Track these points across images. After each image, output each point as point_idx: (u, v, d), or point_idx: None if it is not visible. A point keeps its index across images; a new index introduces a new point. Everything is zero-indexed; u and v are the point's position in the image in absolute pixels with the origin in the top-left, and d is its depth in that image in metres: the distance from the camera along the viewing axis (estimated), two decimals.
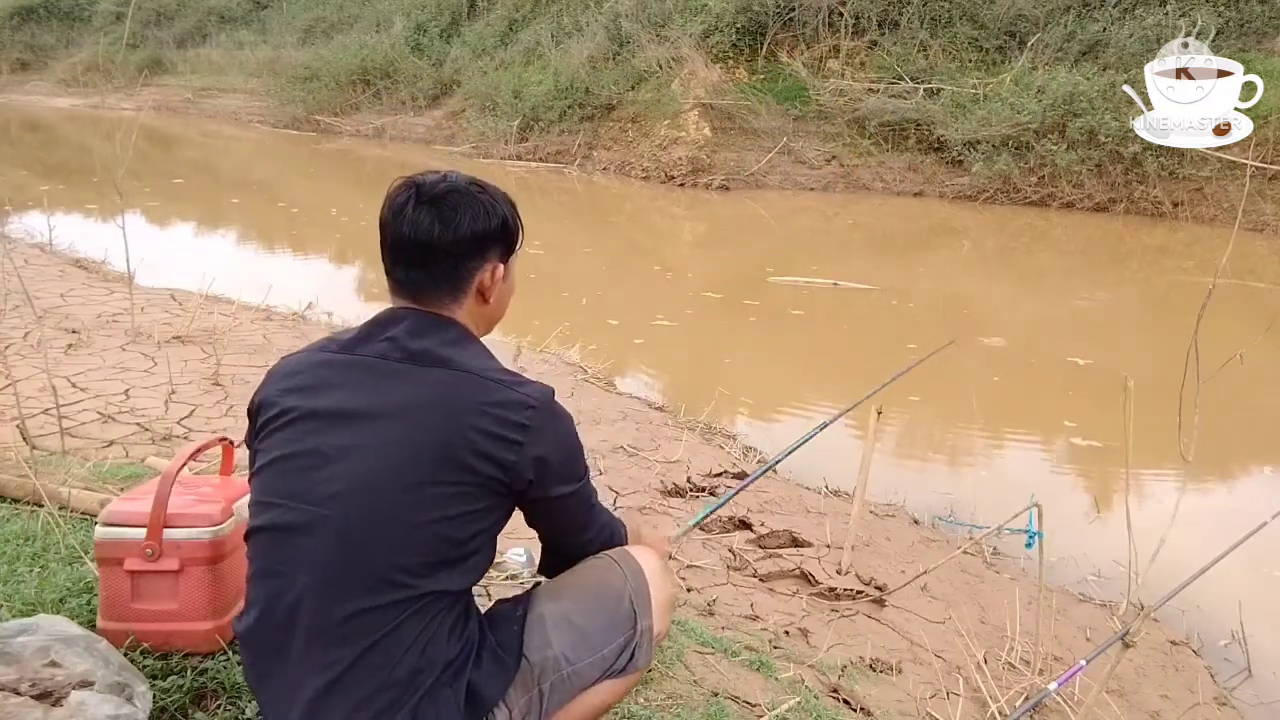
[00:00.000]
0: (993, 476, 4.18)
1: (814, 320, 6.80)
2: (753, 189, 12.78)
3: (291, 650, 1.19)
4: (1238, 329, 6.01)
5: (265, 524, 1.24)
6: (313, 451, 1.21)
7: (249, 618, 1.24)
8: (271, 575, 1.22)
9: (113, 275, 6.55)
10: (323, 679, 1.17)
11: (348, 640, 1.17)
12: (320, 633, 1.17)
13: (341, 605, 1.17)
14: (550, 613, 1.34)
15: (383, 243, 1.30)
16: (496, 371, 1.27)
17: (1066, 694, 2.39)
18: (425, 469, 1.18)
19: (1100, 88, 11.05)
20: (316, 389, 1.25)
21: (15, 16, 28.55)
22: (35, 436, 3.06)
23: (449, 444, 1.19)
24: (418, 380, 1.23)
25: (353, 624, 1.17)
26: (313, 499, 1.20)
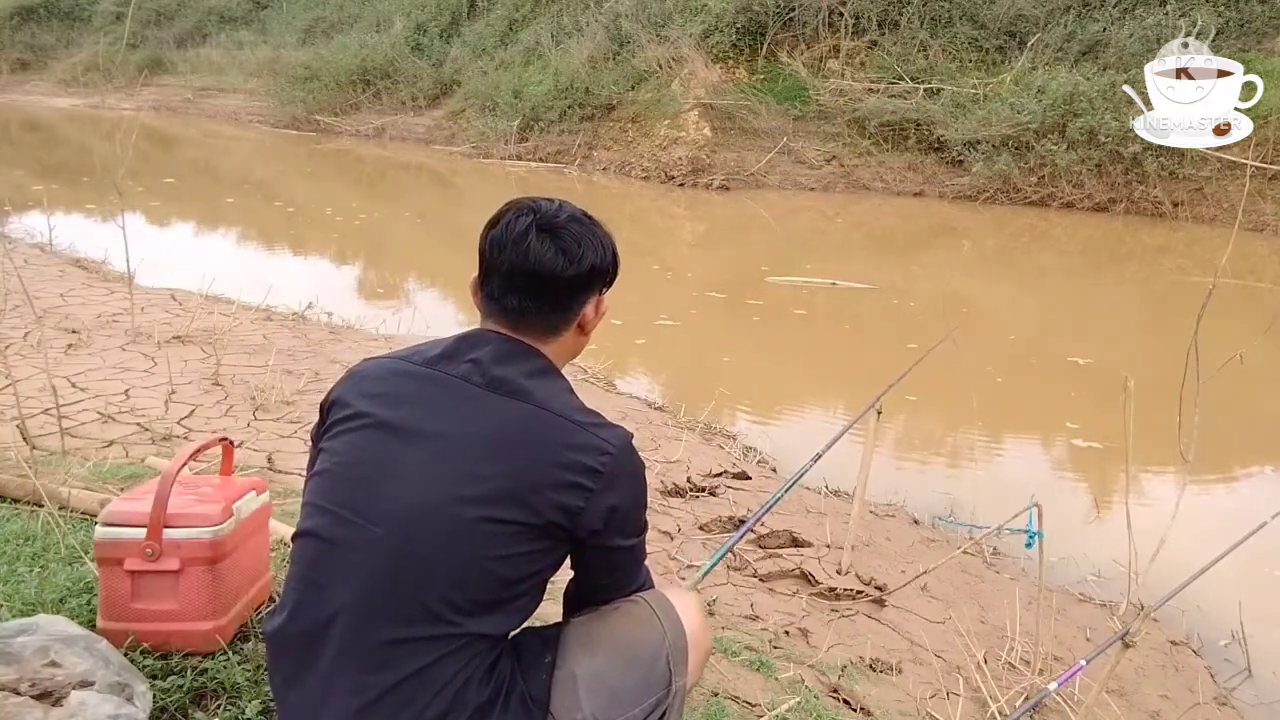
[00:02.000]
0: (993, 476, 4.18)
1: (816, 320, 6.80)
2: (753, 189, 12.78)
3: (320, 663, 1.15)
4: (1238, 329, 6.00)
5: (314, 529, 1.20)
6: (377, 464, 1.18)
7: (279, 618, 1.20)
8: (311, 584, 1.18)
9: (113, 275, 6.55)
10: (353, 702, 1.12)
11: (383, 667, 1.13)
12: (353, 654, 1.13)
13: (381, 630, 1.13)
14: (583, 672, 1.25)
15: (493, 267, 1.25)
16: (578, 412, 1.23)
17: (1066, 694, 2.39)
18: (490, 505, 1.14)
19: (1100, 88, 11.05)
20: (391, 398, 1.22)
21: (15, 16, 28.56)
22: (35, 436, 3.06)
23: (519, 483, 1.15)
24: (496, 411, 1.18)
25: (390, 651, 1.13)
26: (370, 515, 1.16)
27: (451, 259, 8.65)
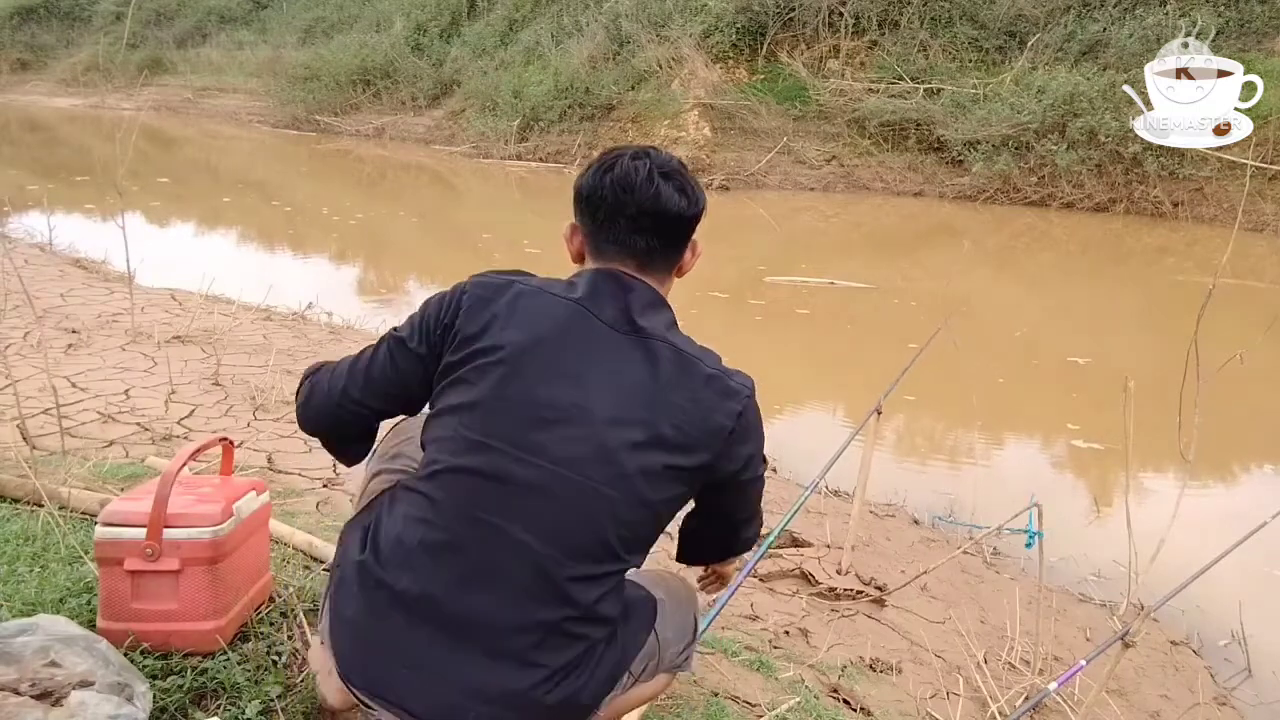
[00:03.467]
0: (993, 476, 4.18)
1: (817, 320, 6.80)
2: (753, 189, 12.78)
3: (484, 601, 1.18)
4: (1238, 329, 6.00)
5: (478, 467, 1.20)
6: (547, 404, 1.20)
7: (427, 534, 1.20)
8: (477, 522, 1.19)
9: (113, 275, 6.55)
10: (529, 639, 1.18)
11: (565, 602, 1.19)
12: (535, 592, 1.18)
13: (568, 567, 1.19)
14: (665, 599, 1.43)
15: (617, 210, 1.29)
16: (710, 356, 1.31)
17: (1066, 694, 2.39)
18: (653, 449, 1.21)
19: (1100, 88, 11.06)
20: (544, 333, 1.23)
21: (15, 16, 28.56)
22: (35, 436, 3.06)
23: (676, 429, 1.22)
24: (651, 357, 1.24)
25: (573, 587, 1.19)
26: (548, 455, 1.19)
27: (452, 259, 8.66)
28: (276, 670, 1.65)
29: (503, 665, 1.19)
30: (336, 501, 2.87)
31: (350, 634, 1.25)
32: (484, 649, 1.19)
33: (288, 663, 1.69)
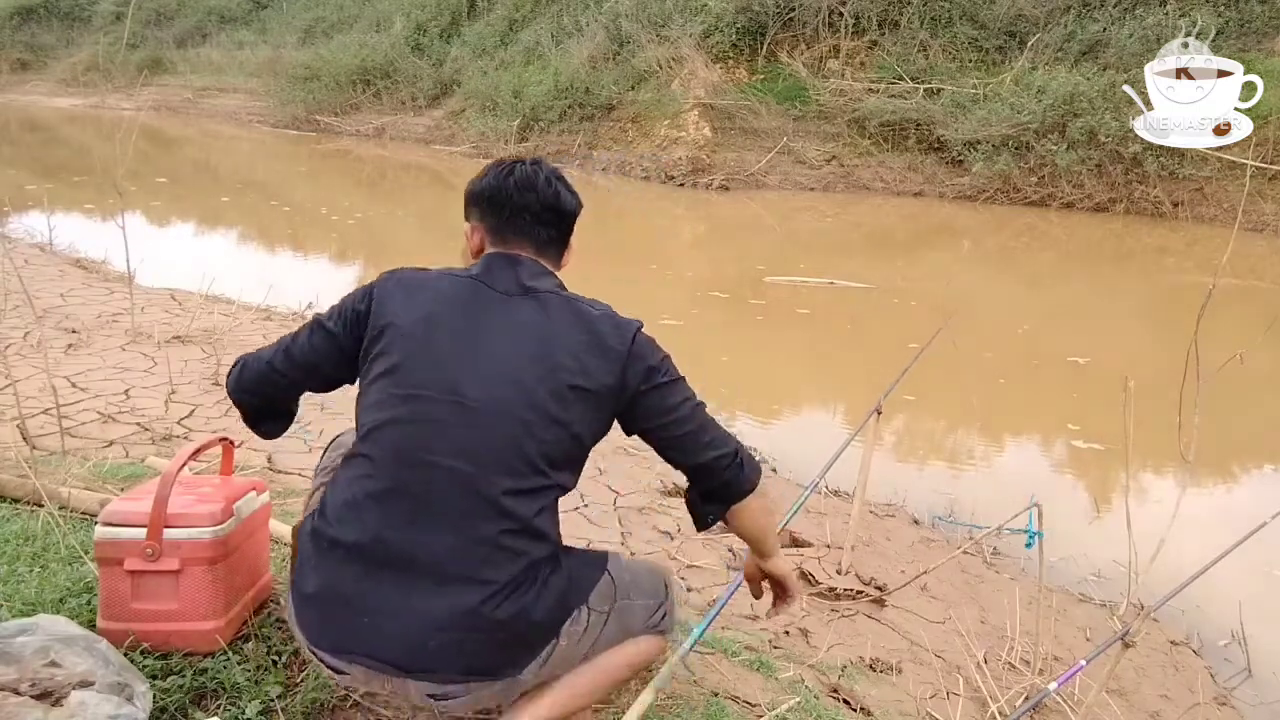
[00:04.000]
0: (993, 476, 4.18)
1: (817, 320, 6.80)
2: (753, 189, 12.78)
3: (433, 523, 1.30)
4: (1238, 329, 6.00)
5: (403, 416, 1.34)
6: (458, 355, 1.36)
7: (370, 486, 1.32)
8: (414, 464, 1.31)
9: (113, 275, 6.55)
10: (469, 559, 1.29)
11: (505, 515, 1.31)
12: (476, 510, 1.30)
13: (501, 482, 1.31)
14: (619, 554, 1.56)
15: (521, 206, 1.50)
16: (601, 306, 1.47)
17: (1066, 694, 2.39)
18: (558, 375, 1.35)
19: (1100, 88, 11.06)
20: (447, 302, 1.40)
21: (15, 16, 28.57)
22: (35, 436, 3.06)
23: (575, 358, 1.37)
24: (543, 307, 1.42)
25: (508, 501, 1.31)
26: (470, 394, 1.33)
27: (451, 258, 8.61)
28: (276, 670, 1.65)
29: (452, 589, 1.29)
30: None
31: (314, 606, 1.33)
32: (434, 579, 1.29)
33: (288, 663, 1.69)
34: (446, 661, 1.30)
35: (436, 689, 1.33)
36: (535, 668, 1.37)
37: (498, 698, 1.41)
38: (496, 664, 1.34)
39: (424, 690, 1.33)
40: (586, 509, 3.15)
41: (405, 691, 1.34)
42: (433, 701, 1.36)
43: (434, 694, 1.34)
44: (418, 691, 1.34)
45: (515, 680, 1.37)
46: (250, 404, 1.56)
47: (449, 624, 1.28)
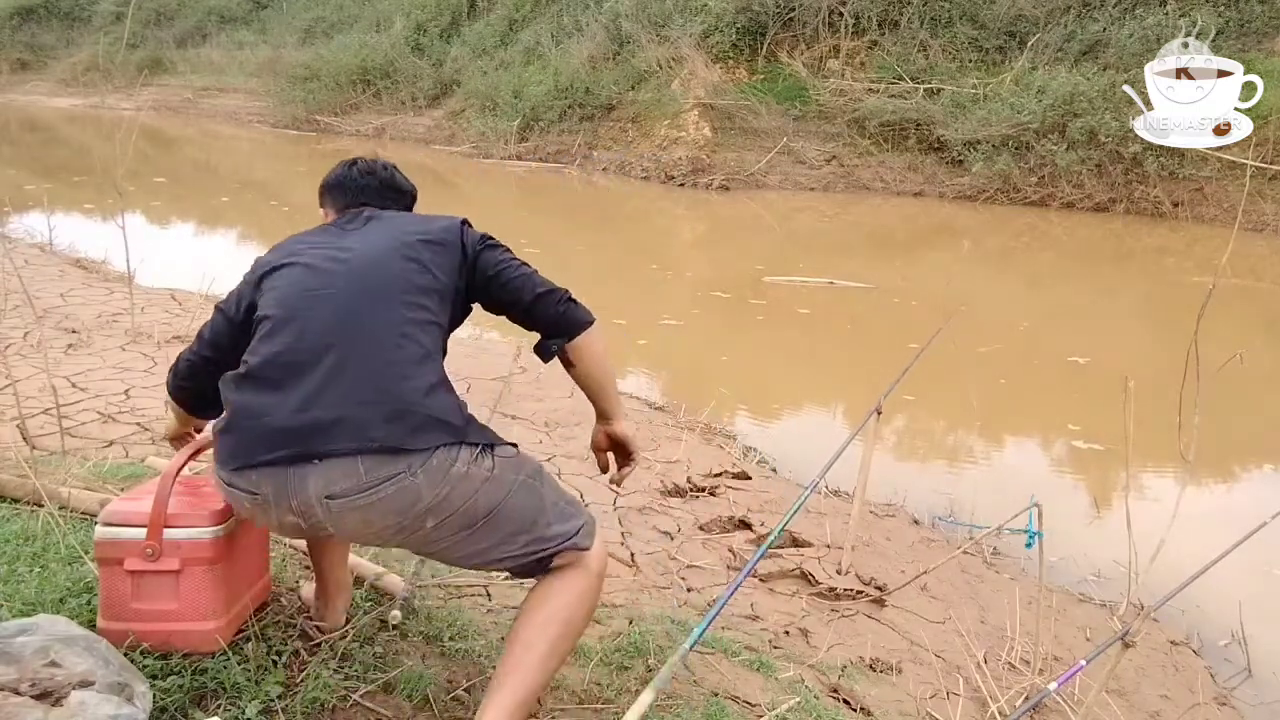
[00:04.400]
0: (993, 476, 4.18)
1: (818, 319, 6.80)
2: (753, 189, 12.78)
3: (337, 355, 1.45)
4: (1238, 329, 6.01)
5: (293, 280, 1.54)
6: (325, 253, 1.58)
7: (278, 343, 1.47)
8: (309, 298, 1.50)
9: (113, 275, 6.55)
10: (389, 336, 1.47)
11: (404, 339, 1.48)
12: (375, 335, 1.47)
13: (391, 311, 1.50)
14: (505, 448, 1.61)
15: (365, 187, 1.81)
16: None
17: (1066, 694, 2.39)
18: (413, 238, 1.61)
19: (1100, 88, 11.05)
20: (310, 243, 1.64)
21: (15, 16, 28.56)
22: (35, 436, 3.06)
23: (422, 234, 1.63)
24: (386, 218, 1.71)
25: (403, 328, 1.49)
26: (340, 259, 1.56)
27: None
28: (276, 670, 1.65)
29: (353, 372, 1.44)
30: None
31: (229, 434, 1.46)
32: (337, 369, 1.44)
33: (288, 663, 1.69)
34: (343, 435, 1.39)
35: (333, 482, 1.39)
36: (428, 476, 1.41)
37: (393, 515, 1.42)
38: (388, 436, 1.40)
39: (320, 491, 1.39)
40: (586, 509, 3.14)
41: (304, 496, 1.40)
42: (329, 504, 1.40)
43: (331, 494, 1.39)
44: (316, 493, 1.39)
45: (408, 483, 1.40)
46: (187, 393, 1.70)
47: (348, 397, 1.41)
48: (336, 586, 1.84)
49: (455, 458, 1.44)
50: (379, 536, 1.48)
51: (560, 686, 1.83)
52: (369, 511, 1.42)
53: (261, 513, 1.47)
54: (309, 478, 1.40)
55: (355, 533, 1.48)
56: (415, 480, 1.40)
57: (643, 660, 1.99)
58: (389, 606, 1.94)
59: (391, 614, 1.91)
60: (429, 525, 1.44)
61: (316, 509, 1.41)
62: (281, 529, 1.52)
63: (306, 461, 1.39)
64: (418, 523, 1.43)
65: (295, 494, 1.41)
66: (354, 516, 1.42)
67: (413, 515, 1.42)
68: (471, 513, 1.46)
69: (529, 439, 3.79)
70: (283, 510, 1.43)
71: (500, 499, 1.48)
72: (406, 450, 1.40)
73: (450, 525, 1.45)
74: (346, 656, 1.75)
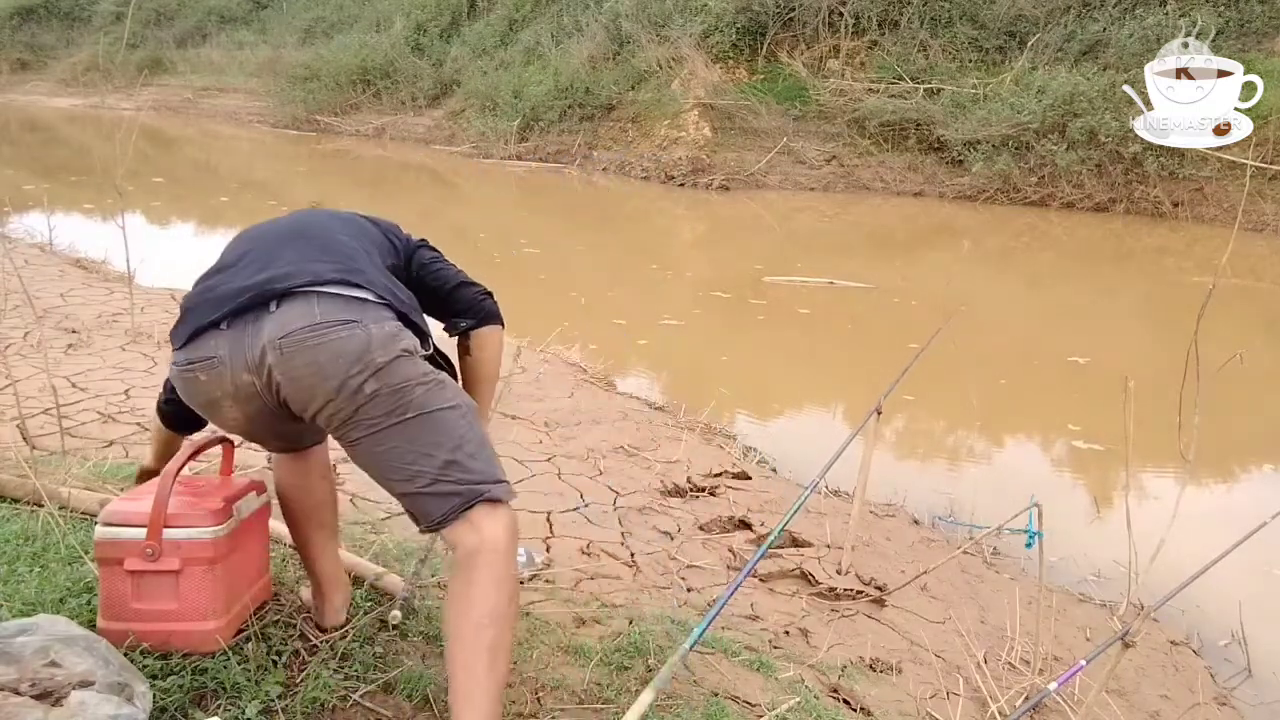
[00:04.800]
0: (993, 476, 4.18)
1: (819, 319, 6.80)
2: (753, 189, 12.78)
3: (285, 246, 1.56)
4: (1238, 329, 6.01)
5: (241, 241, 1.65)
6: (271, 230, 1.68)
7: (221, 262, 1.58)
8: (245, 247, 1.59)
9: (113, 275, 6.55)
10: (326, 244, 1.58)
11: (350, 257, 1.57)
12: (320, 246, 1.57)
13: (332, 231, 1.63)
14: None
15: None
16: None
17: (1066, 694, 2.39)
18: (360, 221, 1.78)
19: (1100, 88, 11.06)
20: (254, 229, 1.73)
21: (15, 16, 28.57)
22: (35, 436, 3.06)
23: (368, 222, 1.80)
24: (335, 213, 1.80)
25: (341, 246, 1.59)
26: (282, 220, 1.70)
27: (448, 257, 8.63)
28: (276, 670, 1.65)
29: (332, 246, 1.57)
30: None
31: (184, 320, 1.50)
32: (313, 244, 1.57)
33: (288, 663, 1.69)
34: (298, 277, 1.45)
35: (288, 324, 1.41)
36: (380, 334, 1.43)
37: (341, 362, 1.40)
38: (342, 279, 1.47)
39: (275, 334, 1.41)
40: (586, 509, 3.14)
41: (259, 345, 1.42)
42: (281, 346, 1.41)
43: (284, 334, 1.41)
44: (269, 338, 1.41)
45: (359, 331, 1.42)
46: (172, 406, 1.74)
47: (303, 255, 1.51)
48: (331, 584, 1.84)
49: (403, 332, 1.48)
50: (322, 394, 1.42)
51: (560, 686, 1.83)
52: (318, 353, 1.40)
53: (218, 382, 1.46)
54: (265, 325, 1.42)
55: (302, 386, 1.43)
56: (368, 331, 1.43)
57: (643, 660, 1.99)
58: (389, 606, 1.94)
59: (391, 614, 1.90)
60: (367, 391, 1.42)
61: (269, 356, 1.41)
62: (236, 399, 1.48)
63: (264, 308, 1.43)
64: (359, 384, 1.41)
65: (251, 346, 1.42)
66: (303, 358, 1.40)
67: (358, 371, 1.41)
68: (406, 400, 1.44)
69: (529, 439, 3.79)
70: (238, 369, 1.43)
71: (435, 405, 1.46)
72: (360, 298, 1.46)
73: (384, 403, 1.43)
74: (346, 656, 1.75)
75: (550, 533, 2.90)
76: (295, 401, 1.45)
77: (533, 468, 3.46)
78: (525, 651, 1.94)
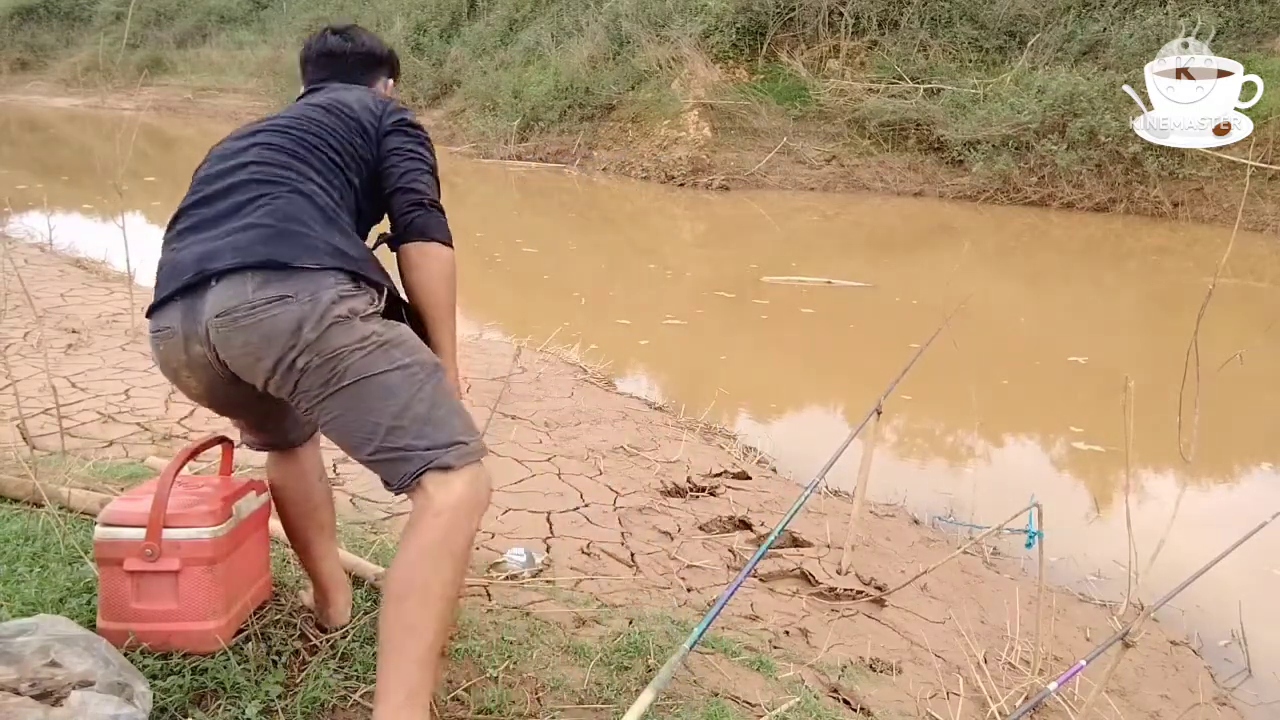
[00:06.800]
0: (993, 476, 4.18)
1: (820, 319, 6.80)
2: (753, 189, 12.78)
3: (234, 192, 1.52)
4: (1238, 329, 6.01)
5: (212, 156, 1.62)
6: (249, 127, 1.67)
7: (182, 204, 1.56)
8: (211, 172, 1.56)
9: (113, 275, 6.55)
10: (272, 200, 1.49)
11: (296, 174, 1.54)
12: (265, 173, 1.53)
13: (291, 155, 1.57)
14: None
15: (320, 50, 1.91)
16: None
17: (1066, 694, 2.39)
18: (337, 106, 1.72)
19: (1100, 88, 11.06)
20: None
21: (15, 16, 28.57)
22: (35, 436, 3.06)
23: (352, 100, 1.76)
24: (336, 88, 1.83)
25: (296, 172, 1.55)
26: (255, 131, 1.63)
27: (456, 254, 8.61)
28: (276, 670, 1.65)
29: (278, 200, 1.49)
30: (334, 501, 2.87)
31: (160, 278, 1.51)
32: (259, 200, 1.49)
33: (288, 663, 1.69)
34: (230, 253, 1.41)
35: (224, 300, 1.39)
36: (315, 307, 1.38)
37: (276, 342, 1.38)
38: (273, 252, 1.40)
39: (213, 310, 1.40)
40: (587, 509, 3.14)
41: (204, 320, 1.41)
42: (218, 324, 1.40)
43: (221, 312, 1.39)
44: (209, 313, 1.40)
45: (293, 308, 1.37)
46: None
47: (243, 220, 1.46)
48: (334, 584, 1.84)
49: (346, 296, 1.42)
50: (261, 371, 1.41)
51: (560, 686, 1.83)
52: (250, 333, 1.39)
53: (174, 352, 1.46)
54: (208, 300, 1.41)
55: (242, 365, 1.42)
56: (301, 306, 1.38)
57: (643, 660, 1.99)
58: None
59: None
60: (299, 365, 1.39)
61: (211, 333, 1.41)
62: (191, 369, 1.48)
63: (206, 285, 1.41)
64: (292, 360, 1.39)
65: (199, 319, 1.42)
66: (239, 338, 1.39)
67: (290, 347, 1.38)
68: (340, 368, 1.39)
69: (529, 439, 3.79)
70: (191, 341, 1.44)
71: (375, 370, 1.41)
72: (294, 269, 1.40)
73: (319, 374, 1.39)
74: (346, 656, 1.75)
75: (550, 533, 2.90)
76: (242, 375, 1.46)
77: (533, 468, 3.45)
78: (525, 651, 1.94)
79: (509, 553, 2.60)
